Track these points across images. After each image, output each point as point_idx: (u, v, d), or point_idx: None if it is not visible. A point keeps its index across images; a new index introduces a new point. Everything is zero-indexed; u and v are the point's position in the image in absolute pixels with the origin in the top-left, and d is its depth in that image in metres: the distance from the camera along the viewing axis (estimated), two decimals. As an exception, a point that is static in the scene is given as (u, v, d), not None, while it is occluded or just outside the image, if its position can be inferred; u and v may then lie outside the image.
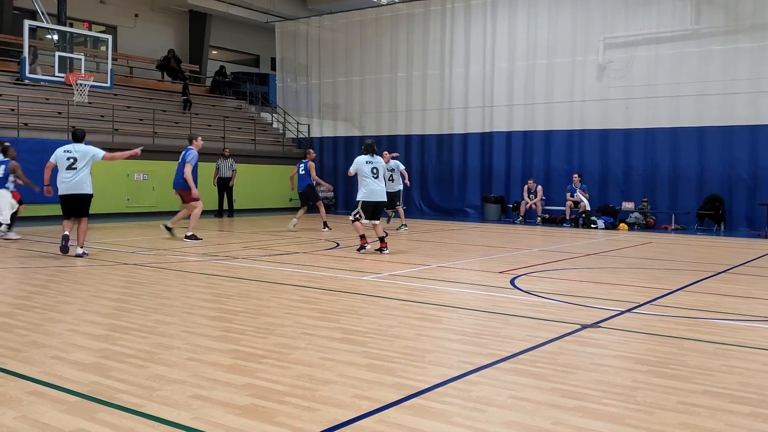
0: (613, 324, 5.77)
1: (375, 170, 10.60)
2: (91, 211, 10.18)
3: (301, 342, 4.95)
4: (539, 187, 18.66)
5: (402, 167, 15.87)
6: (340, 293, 7.08)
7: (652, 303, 6.76)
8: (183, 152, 12.33)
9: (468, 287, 7.69)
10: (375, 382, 3.99)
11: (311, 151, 16.40)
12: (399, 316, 5.92)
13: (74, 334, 5.13)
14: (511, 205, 19.63)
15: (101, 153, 10.01)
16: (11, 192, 11.84)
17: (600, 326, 5.64)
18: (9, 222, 11.87)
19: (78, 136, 10.09)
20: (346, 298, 6.82)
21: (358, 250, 10.72)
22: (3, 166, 11.72)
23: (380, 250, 10.65)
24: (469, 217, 20.31)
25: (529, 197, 18.67)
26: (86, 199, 9.88)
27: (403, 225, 15.48)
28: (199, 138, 12.43)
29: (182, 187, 12.23)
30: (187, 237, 11.95)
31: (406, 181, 15.71)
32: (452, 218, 20.12)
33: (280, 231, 14.69)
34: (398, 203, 15.77)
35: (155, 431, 3.22)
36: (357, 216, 10.59)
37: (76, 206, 9.85)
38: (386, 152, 16.15)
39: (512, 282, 7.94)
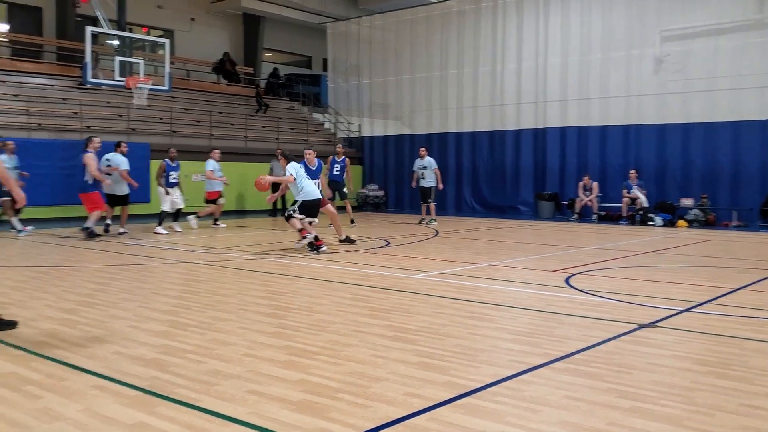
0: (672, 323, 5.64)
1: (308, 172, 11.20)
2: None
3: (353, 339, 4.99)
4: (595, 184, 18.31)
5: (435, 165, 16.32)
6: (390, 291, 7.11)
7: (713, 302, 6.57)
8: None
9: (521, 286, 7.62)
10: (427, 381, 3.99)
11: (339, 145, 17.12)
12: (450, 315, 5.91)
13: (135, 330, 5.29)
14: (565, 203, 19.32)
15: (123, 168, 12.94)
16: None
17: (657, 326, 5.52)
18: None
19: (114, 147, 13.17)
20: (396, 296, 6.84)
21: (303, 240, 10.57)
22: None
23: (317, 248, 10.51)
24: (522, 215, 20.08)
25: (584, 194, 18.35)
26: (125, 196, 13.11)
27: (432, 219, 16.32)
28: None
29: None
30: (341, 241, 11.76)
31: (439, 183, 16.41)
32: (505, 216, 19.93)
33: (331, 229, 14.81)
34: (430, 199, 16.28)
35: (212, 425, 3.30)
36: (291, 212, 10.61)
37: (117, 201, 13.05)
38: (422, 149, 16.84)
39: (567, 281, 7.83)
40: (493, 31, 21.19)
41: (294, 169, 10.66)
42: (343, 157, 15.60)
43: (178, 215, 14.12)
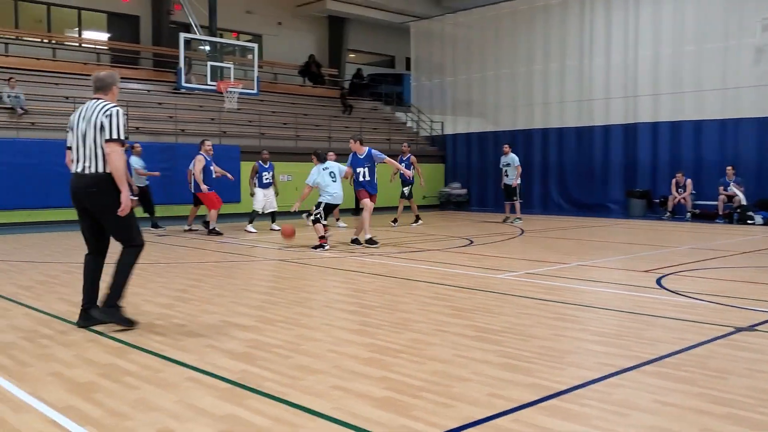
0: (772, 327, 5.35)
1: (333, 174, 11.10)
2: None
3: (436, 338, 5.00)
4: (689, 181, 17.58)
5: (518, 163, 16.07)
6: (473, 291, 7.07)
7: (819, 306, 6.19)
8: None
9: (610, 286, 7.42)
10: (510, 382, 3.96)
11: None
12: (535, 316, 5.82)
13: (227, 325, 5.49)
14: (657, 200, 18.64)
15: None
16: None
17: (756, 329, 5.25)
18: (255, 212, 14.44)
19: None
20: (479, 295, 6.80)
21: (316, 248, 10.73)
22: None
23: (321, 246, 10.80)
24: (611, 213, 19.50)
25: (677, 191, 17.65)
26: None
27: (517, 218, 16.17)
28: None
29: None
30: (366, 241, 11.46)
31: (517, 179, 16.14)
32: (593, 214, 19.42)
33: (414, 228, 14.86)
34: (515, 197, 16.12)
35: (299, 419, 3.39)
36: (318, 217, 10.88)
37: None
38: (506, 145, 16.58)
39: (658, 281, 7.56)
40: (580, 24, 20.69)
41: (313, 177, 10.99)
42: (409, 155, 15.66)
43: (274, 216, 14.57)
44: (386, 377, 4.04)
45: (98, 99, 5.38)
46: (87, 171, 5.19)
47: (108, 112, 5.22)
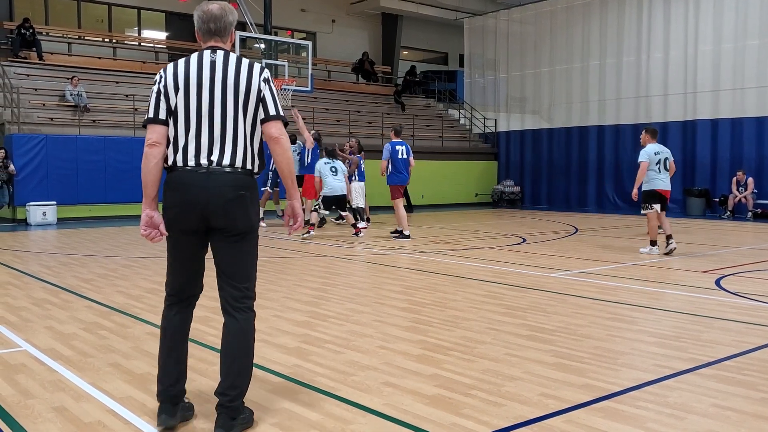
0: (840, 332, 5.14)
1: (334, 169, 12.19)
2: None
3: (487, 337, 4.97)
4: (750, 179, 17.01)
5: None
6: (526, 290, 7.00)
7: None
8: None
9: (667, 287, 7.24)
10: (563, 382, 3.91)
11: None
12: (589, 315, 5.73)
13: (279, 320, 5.57)
14: (717, 199, 18.09)
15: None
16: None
17: (823, 334, 5.06)
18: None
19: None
20: (532, 294, 6.72)
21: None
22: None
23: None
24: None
25: (738, 190, 17.10)
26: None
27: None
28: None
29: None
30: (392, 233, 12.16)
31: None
32: (650, 213, 18.94)
33: (466, 226, 14.78)
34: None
35: (350, 414, 3.42)
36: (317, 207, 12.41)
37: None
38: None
39: (717, 282, 7.35)
40: (638, 19, 20.21)
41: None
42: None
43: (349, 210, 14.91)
44: (437, 375, 4.04)
45: (218, 49, 3.22)
46: (226, 166, 3.12)
47: (265, 75, 3.21)
